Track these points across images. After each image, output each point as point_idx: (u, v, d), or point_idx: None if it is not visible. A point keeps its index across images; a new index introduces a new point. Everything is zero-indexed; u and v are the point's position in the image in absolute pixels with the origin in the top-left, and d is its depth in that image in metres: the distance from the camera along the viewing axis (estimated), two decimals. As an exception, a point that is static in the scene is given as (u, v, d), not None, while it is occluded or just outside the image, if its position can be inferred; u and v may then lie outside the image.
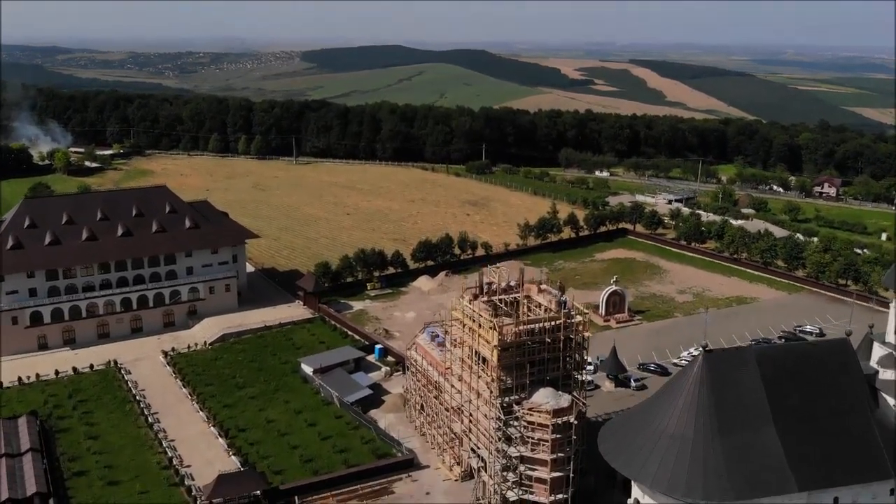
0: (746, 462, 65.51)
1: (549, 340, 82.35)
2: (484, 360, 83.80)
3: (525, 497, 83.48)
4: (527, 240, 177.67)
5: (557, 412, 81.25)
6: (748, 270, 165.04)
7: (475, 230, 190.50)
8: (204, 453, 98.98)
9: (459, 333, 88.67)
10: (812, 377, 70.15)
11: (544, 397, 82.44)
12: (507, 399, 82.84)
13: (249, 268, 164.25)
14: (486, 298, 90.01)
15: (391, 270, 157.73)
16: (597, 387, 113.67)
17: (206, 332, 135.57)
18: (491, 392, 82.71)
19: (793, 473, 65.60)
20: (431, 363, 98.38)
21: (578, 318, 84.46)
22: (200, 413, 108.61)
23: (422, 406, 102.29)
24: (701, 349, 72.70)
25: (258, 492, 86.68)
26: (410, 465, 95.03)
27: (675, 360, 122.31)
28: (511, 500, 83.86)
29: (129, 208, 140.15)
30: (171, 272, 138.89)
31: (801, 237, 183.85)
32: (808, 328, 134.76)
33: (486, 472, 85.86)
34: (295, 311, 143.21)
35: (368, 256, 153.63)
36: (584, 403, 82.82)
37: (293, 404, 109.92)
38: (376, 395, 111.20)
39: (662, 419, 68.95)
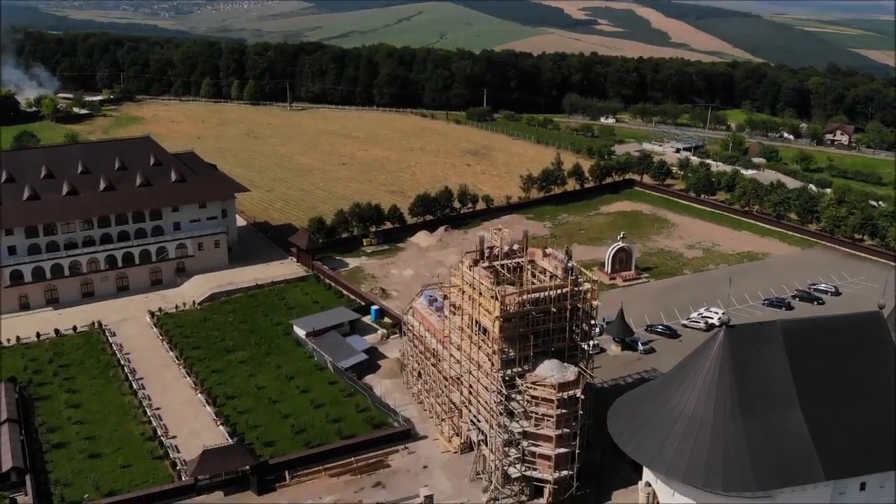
0: (770, 448, 60.49)
1: (554, 310, 76.56)
2: (484, 330, 78.24)
3: (528, 473, 78.84)
4: (529, 192, 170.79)
5: (563, 386, 76.00)
6: (759, 224, 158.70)
7: (476, 182, 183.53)
8: (190, 423, 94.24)
9: (458, 300, 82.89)
10: (841, 354, 64.71)
11: (549, 370, 77.08)
12: (509, 372, 77.57)
13: (241, 222, 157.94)
14: (486, 264, 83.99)
15: (388, 226, 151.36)
16: (602, 350, 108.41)
17: (195, 290, 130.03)
18: (492, 364, 77.36)
19: (820, 460, 60.54)
20: (429, 329, 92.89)
21: (586, 285, 78.52)
22: (187, 379, 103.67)
23: (419, 373, 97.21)
24: (719, 317, 66.85)
25: (247, 467, 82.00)
26: (407, 436, 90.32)
27: (685, 322, 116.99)
28: (513, 476, 79.30)
29: (112, 161, 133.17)
30: (157, 228, 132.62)
31: (813, 188, 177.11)
32: (823, 286, 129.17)
33: (486, 445, 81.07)
34: (288, 268, 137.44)
35: (364, 211, 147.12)
36: (591, 376, 77.49)
37: (285, 369, 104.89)
38: (372, 360, 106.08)
39: (679, 399, 63.64)
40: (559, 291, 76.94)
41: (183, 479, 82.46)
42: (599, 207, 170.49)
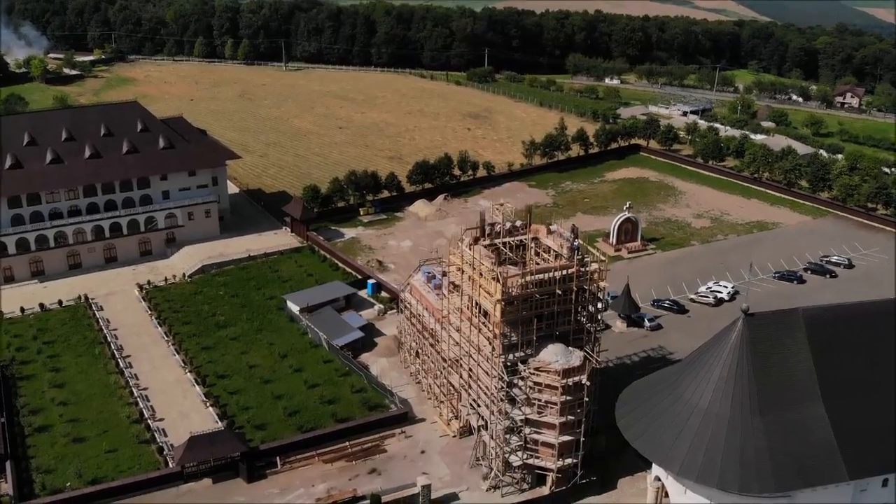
0: (790, 446, 56.55)
1: (559, 292, 72.17)
2: (485, 313, 73.96)
3: (530, 462, 75.26)
4: (532, 159, 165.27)
5: (567, 372, 72.01)
6: (769, 192, 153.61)
7: (476, 147, 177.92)
8: (179, 404, 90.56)
9: (457, 280, 78.45)
10: (867, 344, 60.45)
11: (553, 355, 72.99)
12: (510, 357, 73.50)
13: (233, 189, 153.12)
14: (487, 242, 79.39)
15: (386, 194, 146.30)
16: (608, 327, 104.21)
17: (185, 261, 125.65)
18: (493, 349, 73.22)
19: (843, 459, 56.63)
20: (427, 308, 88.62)
21: (594, 265, 73.99)
22: (176, 356, 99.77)
23: (417, 352, 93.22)
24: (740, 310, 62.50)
25: (236, 454, 78.36)
26: (404, 419, 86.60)
27: (693, 296, 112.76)
28: (514, 464, 75.74)
29: (97, 127, 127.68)
30: (145, 197, 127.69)
31: (824, 154, 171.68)
32: (835, 258, 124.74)
33: (486, 431, 77.33)
34: (281, 239, 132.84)
35: (361, 179, 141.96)
36: (597, 361, 73.40)
37: (278, 346, 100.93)
38: (368, 337, 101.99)
39: (694, 393, 59.52)
40: (564, 272, 72.46)
41: (170, 465, 78.88)
42: (604, 174, 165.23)
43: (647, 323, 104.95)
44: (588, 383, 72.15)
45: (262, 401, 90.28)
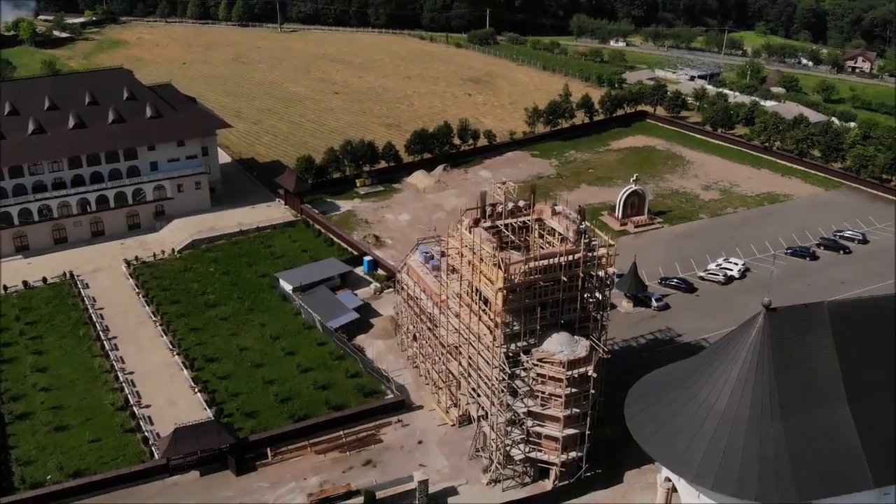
0: (813, 452, 52.67)
1: (565, 279, 67.79)
2: (485, 300, 69.67)
3: (532, 455, 71.64)
4: (535, 127, 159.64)
5: (573, 363, 67.98)
6: (780, 162, 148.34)
7: (477, 114, 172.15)
8: (166, 389, 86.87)
9: (457, 265, 74.01)
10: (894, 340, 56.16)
11: (558, 345, 68.93)
12: (513, 347, 69.46)
13: (225, 158, 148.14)
14: (488, 224, 74.78)
15: (383, 165, 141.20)
16: (613, 306, 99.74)
17: (174, 235, 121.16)
18: (494, 339, 69.08)
19: (869, 465, 52.77)
20: (425, 290, 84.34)
21: (602, 250, 69.50)
22: (164, 338, 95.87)
23: (414, 336, 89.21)
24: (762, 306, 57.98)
25: (224, 446, 74.71)
26: (401, 406, 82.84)
27: (702, 274, 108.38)
28: (516, 458, 72.14)
29: (82, 95, 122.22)
30: (132, 168, 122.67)
31: (836, 122, 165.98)
32: (849, 233, 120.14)
33: (486, 422, 73.58)
34: (275, 212, 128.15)
35: (357, 149, 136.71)
36: (604, 351, 69.30)
37: (270, 328, 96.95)
38: (364, 318, 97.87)
39: (710, 393, 55.44)
40: (571, 258, 68.02)
41: (155, 456, 75.31)
42: (609, 143, 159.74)
43: (654, 303, 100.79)
44: (595, 375, 68.19)
45: (252, 386, 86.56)
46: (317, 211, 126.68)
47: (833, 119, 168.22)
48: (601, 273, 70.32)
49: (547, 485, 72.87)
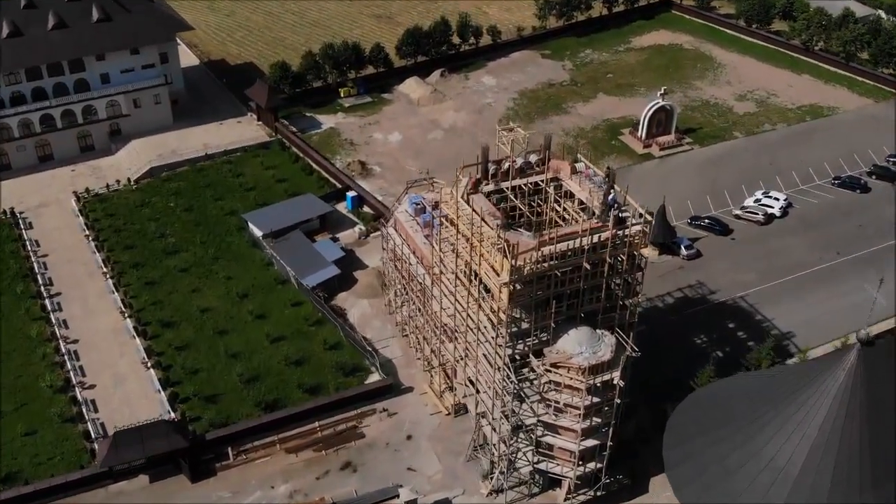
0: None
1: (588, 266, 53.61)
2: (487, 287, 55.76)
3: (542, 466, 59.80)
4: (546, 21, 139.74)
5: (595, 368, 54.89)
6: (823, 66, 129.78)
7: (479, 5, 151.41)
8: (114, 363, 74.71)
9: (452, 238, 59.55)
10: None
11: (576, 344, 55.68)
12: (520, 346, 56.27)
13: (192, 59, 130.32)
14: (492, 186, 59.78)
15: (371, 71, 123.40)
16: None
17: (132, 159, 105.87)
18: (497, 334, 55.66)
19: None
20: (415, 252, 70.24)
21: (636, 227, 54.91)
22: (115, 295, 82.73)
23: (403, 302, 75.82)
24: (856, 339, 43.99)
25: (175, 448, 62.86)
26: (388, 391, 70.51)
27: (738, 211, 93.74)
28: (522, 469, 60.35)
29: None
30: (80, 82, 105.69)
31: (883, 16, 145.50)
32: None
33: (487, 420, 61.38)
34: (246, 129, 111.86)
35: (340, 53, 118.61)
36: (633, 349, 55.94)
37: (237, 282, 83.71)
38: (347, 271, 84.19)
39: (780, 450, 42.44)
40: (596, 238, 53.58)
41: (96, 459, 63.65)
42: (630, 39, 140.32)
43: (683, 250, 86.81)
44: (622, 383, 55.18)
45: (214, 361, 74.17)
46: (294, 129, 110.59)
47: (880, 13, 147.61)
48: (634, 254, 56.03)
49: (559, 496, 61.46)
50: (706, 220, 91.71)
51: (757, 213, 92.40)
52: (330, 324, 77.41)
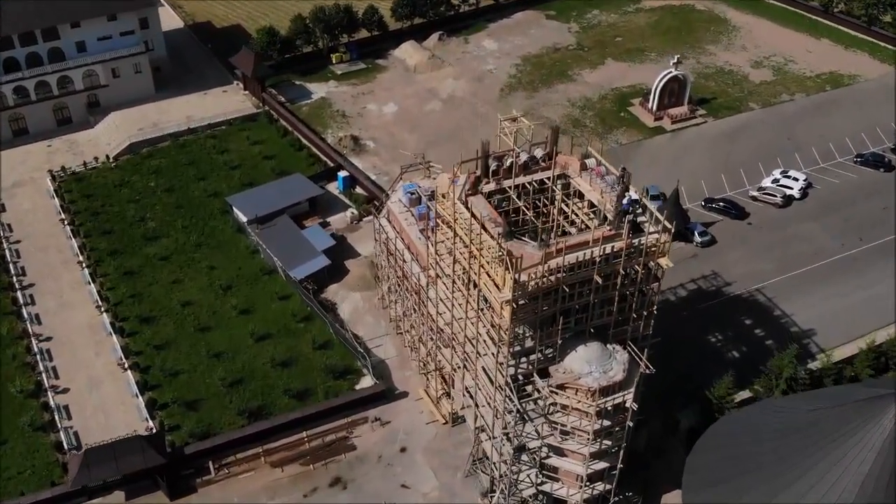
0: None
1: (600, 279, 48.30)
2: (485, 299, 50.51)
3: (546, 488, 55.34)
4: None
5: (606, 390, 49.97)
6: (843, 30, 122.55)
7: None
8: (90, 364, 70.02)
9: (448, 242, 54.09)
10: None
11: (585, 363, 50.64)
12: (523, 363, 51.33)
13: (176, 22, 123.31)
14: (493, 185, 54.04)
15: (364, 34, 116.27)
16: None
17: (110, 134, 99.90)
18: (497, 350, 50.63)
19: None
20: (410, 247, 64.84)
21: (654, 236, 49.42)
22: (92, 286, 77.65)
23: (397, 300, 70.65)
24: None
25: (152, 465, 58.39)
26: (381, 397, 65.84)
27: (754, 193, 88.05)
28: (524, 490, 55.92)
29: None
30: (54, 51, 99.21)
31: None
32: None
33: (486, 435, 56.79)
34: (232, 100, 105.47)
35: (331, 16, 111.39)
36: (648, 367, 50.94)
37: (220, 272, 78.60)
38: (338, 259, 78.92)
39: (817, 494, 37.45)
40: (609, 248, 48.16)
41: (67, 477, 59.28)
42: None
43: (697, 237, 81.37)
44: (635, 406, 50.33)
45: (196, 362, 69.38)
46: (283, 99, 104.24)
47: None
48: (651, 264, 50.69)
49: (564, 516, 57.12)
50: (721, 203, 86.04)
51: (775, 195, 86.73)
52: (319, 320, 72.46)
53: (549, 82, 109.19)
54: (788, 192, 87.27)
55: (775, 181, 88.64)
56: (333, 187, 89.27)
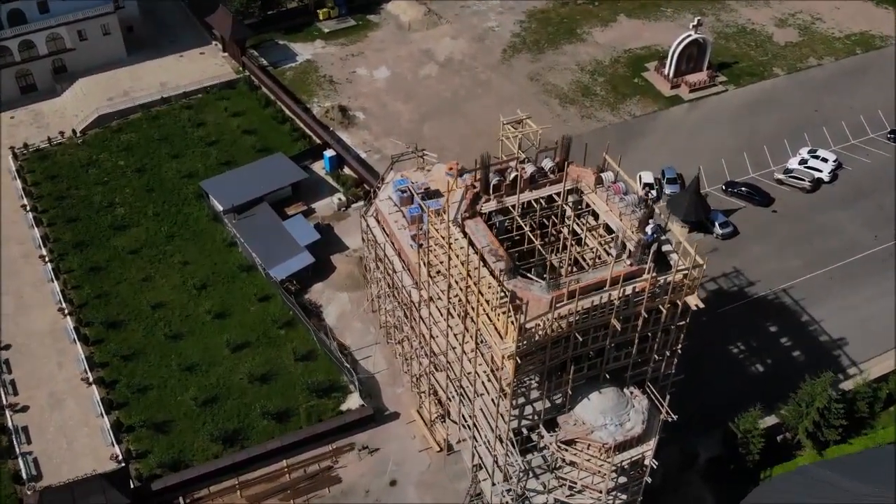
0: None
1: (616, 325, 41.46)
2: (483, 340, 43.74)
3: (551, 536, 49.64)
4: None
5: (622, 446, 43.72)
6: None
7: None
8: (51, 378, 63.78)
9: (444, 270, 46.94)
10: None
11: (599, 414, 44.34)
12: (528, 413, 44.97)
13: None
14: (495, 204, 46.62)
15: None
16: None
17: (79, 103, 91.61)
18: (499, 399, 44.14)
19: None
20: (400, 253, 57.65)
21: (679, 274, 42.34)
22: (54, 284, 70.83)
23: (386, 309, 63.84)
24: None
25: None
26: (369, 421, 59.72)
27: (780, 176, 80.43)
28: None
29: None
30: (15, 13, 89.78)
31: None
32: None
33: (483, 475, 50.92)
34: (209, 63, 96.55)
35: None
36: (669, 414, 44.56)
37: (194, 268, 71.67)
38: (324, 253, 71.92)
39: None
40: (630, 290, 41.18)
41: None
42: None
43: (717, 228, 74.16)
44: (655, 464, 44.13)
45: (166, 376, 63.08)
46: (265, 63, 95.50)
47: None
48: (678, 301, 43.75)
49: (570, 561, 51.58)
50: (743, 189, 78.45)
51: (803, 179, 79.14)
52: (302, 325, 65.90)
53: (555, 42, 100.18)
54: (817, 174, 79.66)
55: (802, 162, 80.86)
56: (319, 167, 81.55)
